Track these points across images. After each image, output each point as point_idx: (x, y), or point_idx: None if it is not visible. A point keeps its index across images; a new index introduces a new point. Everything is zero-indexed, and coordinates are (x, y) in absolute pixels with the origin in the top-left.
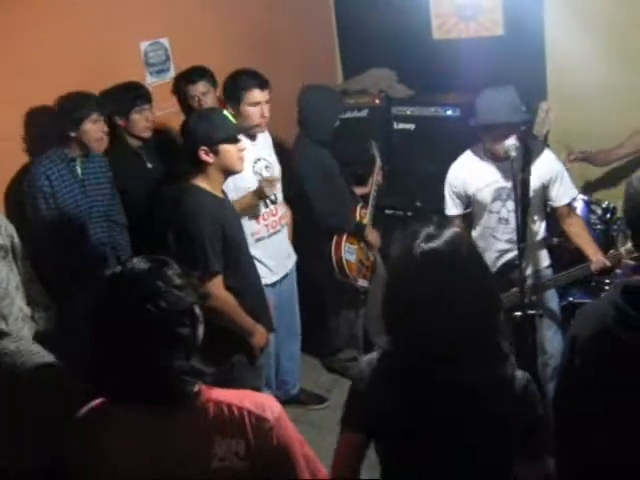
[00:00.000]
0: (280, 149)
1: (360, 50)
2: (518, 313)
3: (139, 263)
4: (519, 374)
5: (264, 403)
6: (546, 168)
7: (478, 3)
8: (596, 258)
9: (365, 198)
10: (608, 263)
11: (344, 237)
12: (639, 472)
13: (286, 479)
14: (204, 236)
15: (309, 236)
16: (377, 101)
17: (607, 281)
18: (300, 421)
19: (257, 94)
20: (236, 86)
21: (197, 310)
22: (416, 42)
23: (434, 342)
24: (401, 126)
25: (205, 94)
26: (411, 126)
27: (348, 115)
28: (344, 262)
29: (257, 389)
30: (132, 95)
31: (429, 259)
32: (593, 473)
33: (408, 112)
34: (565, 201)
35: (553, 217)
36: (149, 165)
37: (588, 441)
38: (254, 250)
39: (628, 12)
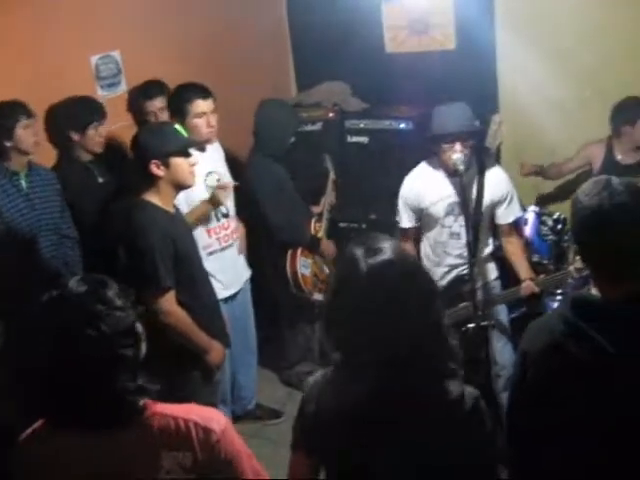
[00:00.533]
0: (234, 163)
1: (314, 63)
2: (471, 325)
3: (77, 286)
4: (468, 390)
5: (210, 416)
6: (498, 186)
7: (430, 17)
8: (525, 284)
9: (319, 214)
10: (537, 289)
11: (299, 251)
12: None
13: None
14: (155, 252)
15: (263, 250)
16: (331, 114)
17: (559, 291)
18: (257, 436)
19: (201, 104)
20: (179, 100)
21: (139, 328)
22: (369, 56)
23: (383, 358)
24: (355, 139)
25: (162, 110)
26: (365, 139)
27: (302, 128)
28: (299, 276)
29: (213, 405)
30: (89, 111)
31: (377, 274)
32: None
33: (362, 125)
34: (510, 220)
35: None
36: (100, 180)
37: (540, 453)
38: (207, 264)
39: (576, 30)
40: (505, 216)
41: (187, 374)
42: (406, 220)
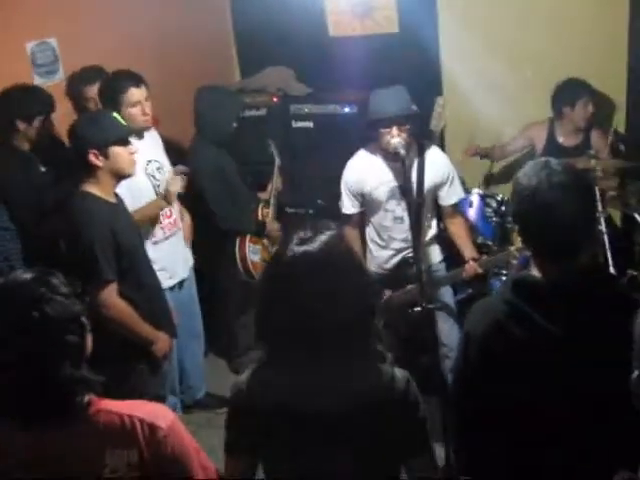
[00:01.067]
0: (178, 151)
1: (257, 49)
2: (417, 308)
3: (22, 274)
4: (398, 373)
5: (157, 411)
6: (439, 169)
7: (373, 1)
8: (468, 265)
9: (266, 200)
10: (479, 270)
11: (247, 237)
12: (535, 464)
13: None
14: (95, 244)
15: (211, 237)
16: (275, 100)
17: (505, 272)
18: (207, 425)
19: (135, 93)
20: (112, 90)
21: (84, 319)
22: (313, 40)
23: (307, 348)
24: (300, 124)
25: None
26: (310, 124)
27: (246, 114)
28: (249, 262)
29: (161, 397)
30: (39, 102)
31: (300, 263)
32: (492, 465)
33: (306, 110)
34: (453, 201)
35: None
36: (42, 169)
37: (486, 434)
38: (152, 253)
39: (517, 12)
40: (448, 198)
41: (133, 367)
42: (349, 206)
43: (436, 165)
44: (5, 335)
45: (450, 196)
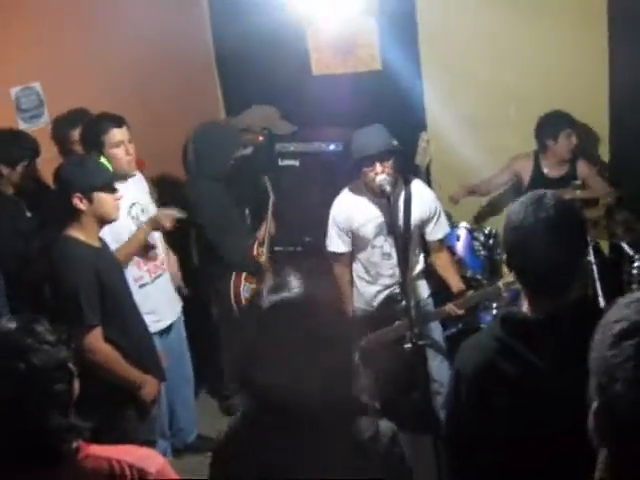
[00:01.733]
0: (165, 190)
1: (241, 88)
2: (408, 345)
3: (6, 322)
4: (383, 427)
5: (146, 456)
6: (425, 204)
7: (355, 38)
8: (448, 307)
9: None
10: (459, 312)
11: (243, 275)
12: None
13: None
14: (79, 289)
15: (205, 274)
16: (260, 138)
17: (495, 305)
18: (199, 470)
19: (117, 133)
20: (94, 133)
21: (71, 365)
22: (296, 78)
23: (285, 402)
24: (286, 162)
25: None
26: (296, 162)
27: None
28: (242, 300)
29: (151, 441)
30: (23, 147)
31: (275, 311)
32: None
33: (292, 148)
34: (439, 236)
35: None
36: (28, 214)
37: (480, 472)
38: (138, 297)
39: (494, 49)
40: (434, 233)
41: (122, 413)
42: (339, 244)
43: (422, 200)
44: None
45: (437, 231)
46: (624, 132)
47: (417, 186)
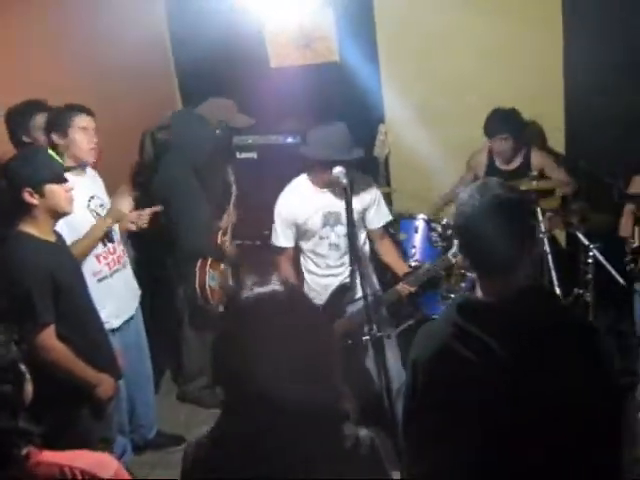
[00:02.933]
0: (123, 182)
1: (198, 80)
2: (366, 337)
3: None
4: (362, 433)
5: (99, 461)
6: (366, 192)
7: (312, 31)
8: (400, 287)
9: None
10: (412, 289)
11: (208, 262)
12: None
13: None
14: (31, 286)
15: (169, 261)
16: (217, 131)
17: (452, 295)
18: (159, 465)
19: (85, 119)
20: (62, 115)
21: (22, 367)
22: (254, 71)
23: (264, 402)
24: (244, 155)
25: (41, 128)
26: (253, 155)
27: None
28: (207, 288)
29: (108, 439)
30: None
31: (258, 304)
32: None
33: (250, 141)
34: (380, 224)
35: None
36: None
37: (438, 459)
38: (97, 291)
39: (451, 41)
40: (375, 220)
41: (76, 412)
42: (283, 239)
43: (364, 189)
44: None
45: (378, 219)
46: (579, 123)
47: (357, 175)
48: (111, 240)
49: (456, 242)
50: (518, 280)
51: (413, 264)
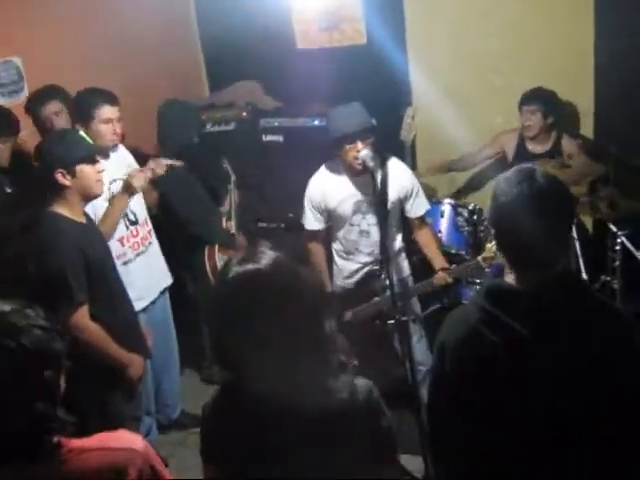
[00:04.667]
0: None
1: (225, 64)
2: (391, 321)
3: (1, 304)
4: (360, 383)
5: (128, 439)
6: (403, 182)
7: (340, 12)
8: (438, 275)
9: (227, 213)
10: (450, 280)
11: (216, 247)
12: (511, 462)
13: None
14: (65, 266)
15: (177, 252)
16: (244, 114)
17: (478, 281)
18: (182, 444)
19: (108, 110)
20: (86, 104)
21: (63, 357)
22: (281, 53)
23: (255, 368)
24: (270, 138)
25: (58, 114)
26: (280, 138)
27: (215, 129)
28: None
29: (137, 418)
30: (8, 122)
31: (237, 283)
32: (471, 474)
33: (276, 124)
34: (419, 213)
35: None
36: (8, 190)
37: (464, 443)
38: (123, 274)
39: (484, 22)
40: (415, 210)
41: (107, 393)
42: (313, 222)
43: (400, 178)
44: None
45: (416, 208)
46: (609, 108)
47: (394, 164)
48: (134, 223)
49: (493, 236)
50: (554, 271)
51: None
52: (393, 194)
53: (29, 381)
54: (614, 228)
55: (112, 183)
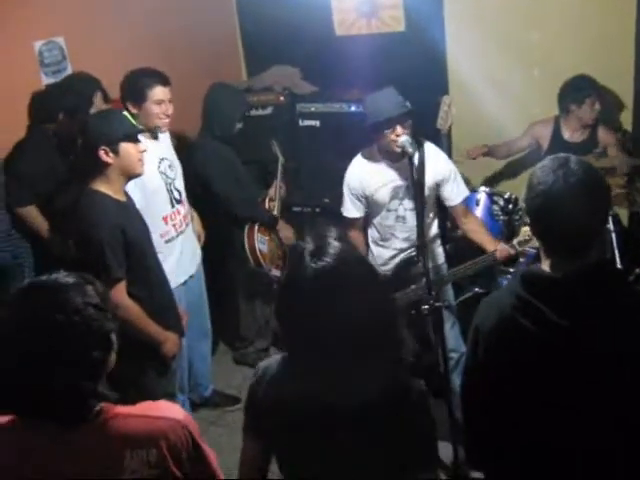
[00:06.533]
0: (184, 147)
1: (263, 48)
2: (425, 307)
3: (64, 277)
4: (414, 384)
5: (169, 409)
6: (440, 167)
7: (379, 0)
8: (500, 246)
9: (273, 195)
10: (512, 251)
11: (255, 228)
12: (547, 457)
13: (201, 475)
14: (104, 242)
15: (217, 231)
16: (281, 98)
17: (511, 270)
18: (215, 423)
19: (160, 91)
20: (139, 84)
21: (113, 337)
22: (319, 39)
23: (329, 356)
24: (306, 123)
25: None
26: (316, 123)
27: (252, 113)
28: (257, 251)
29: (171, 395)
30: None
31: (320, 277)
32: (505, 459)
33: (313, 109)
34: (459, 199)
35: None
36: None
37: (498, 428)
38: (164, 252)
39: (523, 10)
40: (454, 197)
41: (142, 370)
42: (352, 210)
43: (436, 163)
44: (32, 334)
45: (456, 195)
46: None
47: (430, 149)
48: (179, 201)
49: (525, 218)
50: (590, 259)
51: None
52: (429, 179)
53: (77, 358)
54: None
55: (161, 162)
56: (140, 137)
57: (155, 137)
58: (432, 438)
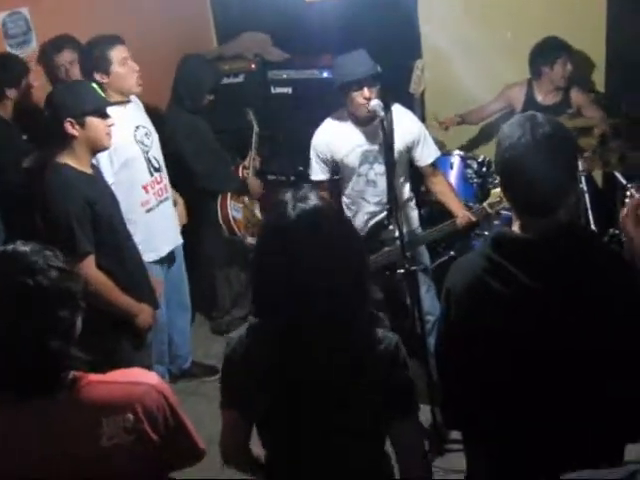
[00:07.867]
0: (155, 117)
1: (233, 15)
2: (401, 270)
3: (20, 245)
4: (389, 335)
5: (143, 374)
6: (409, 129)
7: None
8: (462, 213)
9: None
10: (473, 218)
11: (228, 196)
12: (520, 408)
13: (181, 442)
14: (70, 216)
15: (191, 201)
16: (253, 66)
17: (486, 233)
18: (194, 394)
19: (122, 49)
20: (98, 50)
21: (80, 300)
22: (289, 4)
23: (303, 308)
24: (278, 90)
25: (72, 63)
26: (288, 90)
27: (224, 81)
28: (231, 219)
29: (147, 367)
30: (22, 67)
31: (302, 221)
32: (480, 416)
33: (284, 76)
34: (429, 161)
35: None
36: (24, 136)
37: (472, 387)
38: (146, 222)
39: None
40: (424, 158)
41: (116, 343)
42: (319, 172)
43: (406, 125)
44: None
45: (426, 156)
46: (621, 60)
47: (398, 110)
48: (157, 170)
49: (498, 180)
50: (559, 218)
51: None
52: (399, 141)
53: (45, 319)
54: (624, 180)
55: (137, 129)
56: (113, 108)
57: (126, 102)
58: (409, 385)
